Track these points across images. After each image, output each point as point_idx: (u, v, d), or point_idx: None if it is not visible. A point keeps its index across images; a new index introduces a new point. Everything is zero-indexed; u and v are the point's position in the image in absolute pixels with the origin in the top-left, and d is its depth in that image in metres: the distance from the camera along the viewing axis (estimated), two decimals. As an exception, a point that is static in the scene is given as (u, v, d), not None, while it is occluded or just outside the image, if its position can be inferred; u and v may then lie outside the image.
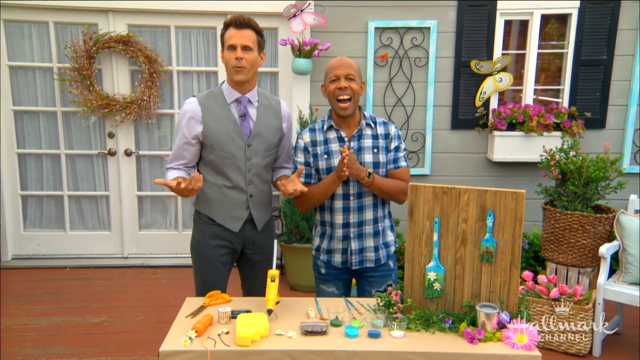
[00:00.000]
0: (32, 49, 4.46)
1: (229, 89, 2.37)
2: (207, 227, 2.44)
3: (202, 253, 2.45)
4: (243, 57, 2.27)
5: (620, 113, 4.43)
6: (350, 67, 2.30)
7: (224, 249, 2.46)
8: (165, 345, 1.82)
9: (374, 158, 2.34)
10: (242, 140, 2.36)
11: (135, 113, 4.42)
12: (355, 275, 2.50)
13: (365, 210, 2.36)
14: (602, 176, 3.41)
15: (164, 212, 4.82)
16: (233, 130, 2.35)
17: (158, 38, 4.50)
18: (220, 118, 2.35)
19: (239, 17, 2.30)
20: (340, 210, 2.36)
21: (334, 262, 2.44)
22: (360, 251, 2.39)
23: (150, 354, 3.23)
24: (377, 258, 2.41)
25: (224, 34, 2.33)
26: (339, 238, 2.40)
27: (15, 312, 3.78)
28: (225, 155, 2.35)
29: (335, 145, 2.36)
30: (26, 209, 4.73)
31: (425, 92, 4.43)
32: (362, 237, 2.38)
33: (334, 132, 2.39)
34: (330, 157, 2.35)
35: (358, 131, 2.36)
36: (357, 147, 2.34)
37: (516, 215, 1.91)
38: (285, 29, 4.29)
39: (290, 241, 4.21)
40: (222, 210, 2.42)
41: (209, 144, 2.35)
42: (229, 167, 2.37)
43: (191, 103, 2.35)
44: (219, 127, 2.34)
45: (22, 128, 4.58)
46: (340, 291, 2.49)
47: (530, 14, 4.34)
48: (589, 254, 3.48)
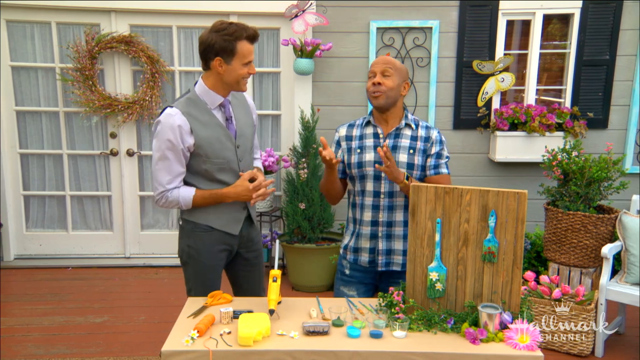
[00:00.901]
0: (34, 49, 4.47)
1: (208, 93, 2.27)
2: (207, 235, 2.36)
3: (205, 261, 2.38)
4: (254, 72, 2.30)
5: (622, 113, 4.42)
6: (389, 63, 2.27)
7: (225, 252, 2.44)
8: (167, 345, 1.82)
9: (408, 159, 2.29)
10: (231, 144, 2.33)
11: (137, 113, 4.42)
12: (381, 279, 2.43)
13: (396, 211, 2.32)
14: (604, 176, 3.41)
15: (166, 212, 4.83)
16: (223, 135, 2.30)
17: (160, 38, 4.51)
18: (208, 125, 2.27)
19: (256, 32, 2.26)
20: (369, 207, 2.33)
21: (361, 261, 2.39)
22: (387, 252, 2.34)
23: (152, 353, 3.23)
24: (404, 262, 2.32)
25: (235, 44, 2.18)
26: (366, 236, 2.35)
27: (17, 311, 3.79)
28: (220, 161, 2.30)
29: (370, 140, 2.33)
30: (28, 209, 4.74)
31: (427, 92, 4.43)
32: (390, 238, 2.33)
33: (372, 127, 2.36)
34: (363, 151, 2.32)
35: (396, 130, 2.32)
36: (393, 145, 2.31)
37: (518, 216, 1.90)
38: (287, 29, 4.29)
39: (292, 241, 4.21)
40: (222, 216, 2.37)
41: (202, 153, 2.26)
42: (224, 173, 2.32)
43: (174, 115, 2.20)
44: (209, 135, 2.26)
45: (25, 128, 4.59)
46: (361, 296, 2.41)
47: (533, 14, 4.33)
48: (591, 255, 3.47)
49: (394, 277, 2.36)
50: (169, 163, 2.24)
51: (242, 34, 2.19)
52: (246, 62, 2.23)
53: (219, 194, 2.30)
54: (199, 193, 2.29)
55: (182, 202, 2.28)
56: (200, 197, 2.29)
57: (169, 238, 4.80)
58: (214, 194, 2.30)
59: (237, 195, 2.31)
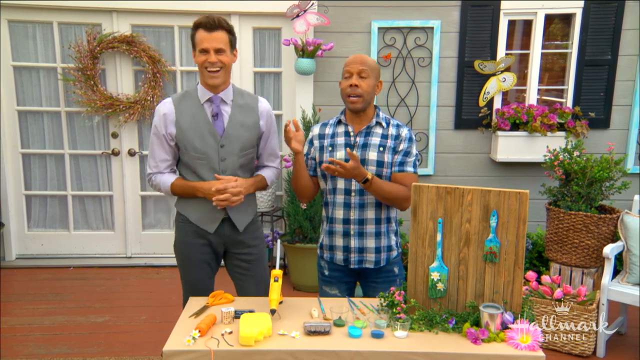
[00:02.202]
0: (36, 49, 4.47)
1: (202, 89, 2.35)
2: (187, 226, 2.43)
3: (184, 252, 2.45)
4: (218, 60, 2.26)
5: (624, 113, 4.42)
6: (365, 63, 2.28)
7: (206, 247, 2.45)
8: (168, 345, 1.82)
9: (378, 156, 2.31)
10: (214, 141, 2.33)
11: (138, 113, 4.43)
12: (359, 279, 2.48)
13: (367, 209, 2.34)
14: (606, 176, 3.40)
15: (167, 212, 4.83)
16: (206, 130, 2.32)
17: (162, 38, 4.51)
18: (193, 118, 2.32)
19: (209, 18, 2.25)
20: (341, 205, 2.36)
21: (336, 259, 2.42)
22: (360, 250, 2.38)
23: (154, 353, 3.23)
24: (377, 260, 2.39)
25: (194, 35, 2.29)
26: (339, 233, 2.38)
27: (19, 311, 3.79)
28: (197, 156, 2.33)
29: (341, 139, 2.36)
30: (30, 208, 4.75)
31: (429, 92, 4.43)
32: (362, 236, 2.37)
33: (343, 126, 2.39)
34: (334, 149, 2.35)
35: (367, 128, 2.35)
36: (363, 143, 2.33)
37: (520, 216, 1.90)
38: (289, 29, 4.29)
39: (294, 241, 4.21)
40: (199, 211, 2.40)
41: (182, 145, 2.34)
42: (202, 168, 2.35)
43: (165, 103, 2.36)
44: (191, 127, 2.32)
45: (26, 128, 4.60)
46: (344, 294, 2.47)
47: (534, 14, 4.33)
48: (593, 255, 3.47)
49: (371, 277, 2.43)
50: (153, 147, 2.39)
51: (200, 23, 2.27)
52: (201, 50, 2.26)
53: (191, 186, 2.37)
54: (177, 182, 2.40)
55: (162, 187, 2.42)
56: (177, 185, 2.40)
57: (170, 238, 4.74)
58: (188, 185, 2.38)
59: (204, 192, 2.33)
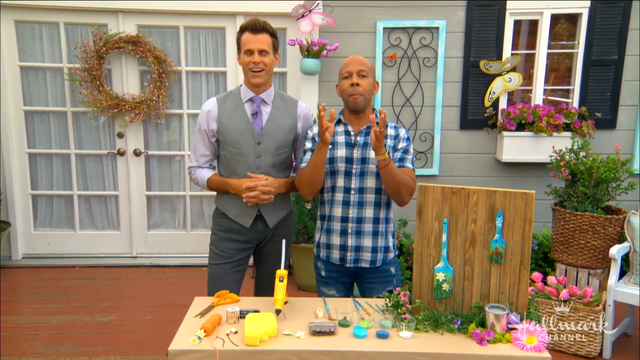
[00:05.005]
0: (42, 49, 4.49)
1: (245, 89, 2.48)
2: (222, 221, 2.54)
3: (216, 245, 2.55)
4: (260, 61, 2.37)
5: (631, 113, 4.39)
6: (363, 64, 2.33)
7: (237, 243, 2.52)
8: (174, 345, 1.83)
9: None
10: (252, 138, 2.43)
11: (144, 113, 4.44)
12: (356, 279, 2.49)
13: (366, 207, 2.35)
14: (612, 177, 3.39)
15: (172, 212, 4.84)
16: (244, 127, 2.44)
17: (167, 38, 4.52)
18: (233, 115, 2.45)
19: (255, 21, 2.37)
20: (340, 203, 2.36)
21: (333, 258, 2.43)
22: (356, 249, 2.38)
23: (159, 353, 3.24)
24: (373, 259, 2.38)
25: (240, 37, 2.41)
26: (336, 232, 2.39)
27: (25, 310, 3.81)
28: (235, 151, 2.44)
29: (342, 137, 2.38)
30: (36, 208, 4.77)
31: (434, 92, 4.42)
32: (360, 234, 2.37)
33: (342, 126, 2.41)
34: (335, 148, 2.37)
35: (366, 128, 2.37)
36: (363, 142, 2.35)
37: (526, 216, 1.90)
38: (294, 29, 4.29)
39: (299, 241, 4.21)
40: (235, 205, 2.49)
41: (222, 140, 2.46)
42: (238, 164, 2.45)
43: (210, 102, 2.50)
44: (231, 123, 2.44)
45: (33, 128, 4.62)
46: (341, 294, 2.48)
47: (540, 14, 4.31)
48: (599, 255, 3.45)
49: (367, 277, 2.43)
50: (195, 143, 2.53)
51: (246, 26, 2.39)
52: (246, 51, 2.37)
53: (225, 182, 2.48)
54: (213, 177, 2.51)
55: (200, 181, 2.54)
56: (213, 181, 2.51)
57: (175, 238, 4.81)
58: (222, 181, 2.49)
59: (235, 188, 2.44)
